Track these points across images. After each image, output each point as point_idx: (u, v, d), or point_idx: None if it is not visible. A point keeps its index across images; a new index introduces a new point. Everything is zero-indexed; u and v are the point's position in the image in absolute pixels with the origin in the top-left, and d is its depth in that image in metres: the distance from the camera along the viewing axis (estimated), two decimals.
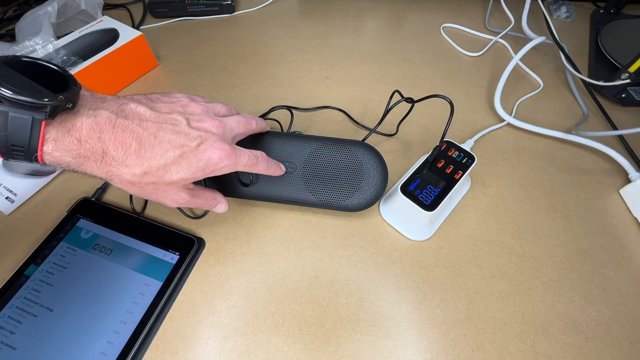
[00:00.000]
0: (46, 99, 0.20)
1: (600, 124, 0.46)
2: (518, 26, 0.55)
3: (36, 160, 0.21)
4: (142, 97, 0.27)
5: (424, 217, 0.33)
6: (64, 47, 0.47)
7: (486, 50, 0.56)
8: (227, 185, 0.35)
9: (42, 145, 0.21)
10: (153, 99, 0.28)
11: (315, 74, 0.52)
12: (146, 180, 0.25)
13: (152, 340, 0.30)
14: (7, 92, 0.19)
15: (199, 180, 0.34)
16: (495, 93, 0.46)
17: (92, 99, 0.24)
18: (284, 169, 0.34)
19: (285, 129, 0.44)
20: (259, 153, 0.30)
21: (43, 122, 0.20)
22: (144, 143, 0.24)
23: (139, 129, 0.24)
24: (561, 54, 0.48)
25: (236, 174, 0.35)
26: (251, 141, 0.35)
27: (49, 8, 0.50)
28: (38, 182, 0.39)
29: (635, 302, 0.32)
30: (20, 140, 0.20)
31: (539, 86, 0.51)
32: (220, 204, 0.33)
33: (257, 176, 0.35)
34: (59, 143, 0.22)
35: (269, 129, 0.36)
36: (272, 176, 0.35)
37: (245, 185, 0.35)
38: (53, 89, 0.21)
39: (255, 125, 0.32)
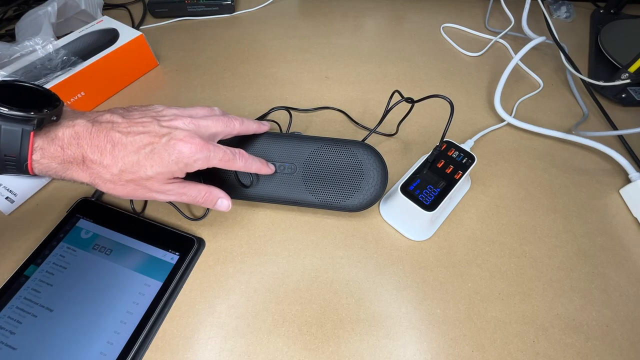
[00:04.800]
0: (33, 113, 0.23)
1: (600, 124, 0.46)
2: (518, 26, 0.55)
3: (27, 170, 0.24)
4: (119, 109, 0.29)
5: (424, 217, 0.33)
6: (64, 47, 0.47)
7: (486, 50, 0.56)
8: (228, 186, 0.35)
9: (32, 154, 0.24)
10: (129, 109, 0.30)
11: (315, 74, 0.52)
12: (125, 178, 0.27)
13: (152, 341, 0.30)
14: (3, 110, 0.22)
15: (195, 179, 0.34)
16: (495, 93, 0.46)
17: (73, 113, 0.27)
18: (272, 167, 0.34)
19: (284, 130, 0.44)
20: (237, 150, 0.31)
21: (31, 133, 0.23)
22: (117, 144, 0.26)
23: (112, 132, 0.26)
24: (561, 54, 0.48)
25: (236, 176, 0.35)
26: (251, 142, 0.35)
27: (49, 8, 0.50)
28: (38, 182, 0.39)
29: (635, 302, 0.32)
30: (12, 149, 0.23)
31: (539, 86, 0.51)
32: (220, 199, 0.32)
33: (257, 177, 0.35)
34: (45, 151, 0.25)
35: (266, 129, 0.35)
36: (273, 177, 0.35)
37: (246, 186, 0.35)
38: (40, 103, 0.24)
39: (240, 126, 0.32)
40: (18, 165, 0.24)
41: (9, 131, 0.23)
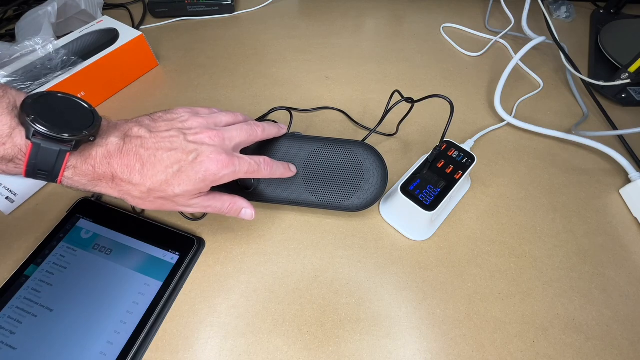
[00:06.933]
0: (70, 135, 0.23)
1: (600, 124, 0.46)
2: (518, 26, 0.55)
3: (55, 182, 0.25)
4: (146, 118, 0.29)
5: (424, 217, 0.33)
6: (64, 47, 0.47)
7: (486, 50, 0.56)
8: (229, 189, 0.35)
9: (64, 171, 0.24)
10: (155, 118, 0.30)
11: (315, 74, 0.52)
12: (154, 196, 0.27)
13: (152, 340, 0.30)
14: (42, 129, 0.22)
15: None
16: (495, 93, 0.46)
17: (107, 127, 0.27)
18: (294, 169, 0.34)
19: None
20: (261, 159, 0.31)
21: (68, 153, 0.24)
22: (146, 163, 0.26)
23: (141, 150, 0.26)
24: (561, 54, 0.48)
25: (237, 179, 0.35)
26: (254, 144, 0.35)
27: (49, 8, 0.50)
28: (38, 182, 0.39)
29: (635, 302, 0.32)
30: (46, 166, 0.24)
31: (539, 86, 0.51)
32: (244, 209, 0.32)
33: (258, 179, 0.35)
34: (77, 169, 0.25)
35: (284, 132, 0.35)
36: (272, 177, 0.35)
37: (248, 189, 0.35)
38: (79, 121, 0.25)
39: (262, 133, 0.32)
40: (49, 178, 0.24)
41: (47, 150, 0.23)
